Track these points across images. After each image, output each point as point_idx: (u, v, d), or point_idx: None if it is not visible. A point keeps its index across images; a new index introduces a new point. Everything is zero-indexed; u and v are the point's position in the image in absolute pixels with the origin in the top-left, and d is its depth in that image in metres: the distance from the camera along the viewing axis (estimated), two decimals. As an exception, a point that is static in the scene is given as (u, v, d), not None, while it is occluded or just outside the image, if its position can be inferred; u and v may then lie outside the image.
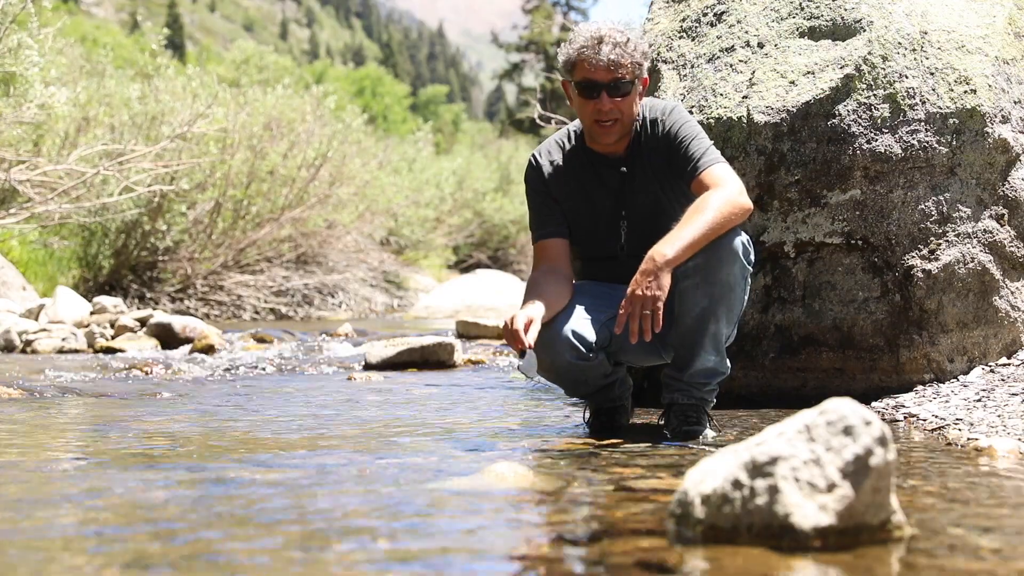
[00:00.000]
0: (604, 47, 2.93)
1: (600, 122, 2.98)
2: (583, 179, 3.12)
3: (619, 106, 2.96)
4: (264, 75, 33.85)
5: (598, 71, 2.94)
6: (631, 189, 3.08)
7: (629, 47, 2.95)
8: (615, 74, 2.94)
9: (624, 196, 3.09)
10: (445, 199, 21.22)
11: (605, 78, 2.94)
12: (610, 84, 2.94)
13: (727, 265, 2.88)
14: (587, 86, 2.96)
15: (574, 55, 2.98)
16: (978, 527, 1.85)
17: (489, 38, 51.05)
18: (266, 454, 2.75)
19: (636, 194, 3.08)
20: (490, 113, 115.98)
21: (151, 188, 9.66)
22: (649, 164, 3.06)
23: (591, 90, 2.96)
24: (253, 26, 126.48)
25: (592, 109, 2.97)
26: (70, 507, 2.05)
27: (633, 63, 2.96)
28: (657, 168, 3.05)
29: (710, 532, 1.65)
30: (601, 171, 3.10)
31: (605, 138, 3.02)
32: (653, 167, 3.05)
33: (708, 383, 3.04)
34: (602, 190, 3.10)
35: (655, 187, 3.06)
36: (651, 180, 3.06)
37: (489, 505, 2.06)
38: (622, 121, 3.00)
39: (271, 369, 5.48)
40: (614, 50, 2.93)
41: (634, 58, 2.96)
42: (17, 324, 6.91)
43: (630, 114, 3.01)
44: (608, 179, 3.10)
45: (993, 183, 3.73)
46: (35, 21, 8.05)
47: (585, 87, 2.97)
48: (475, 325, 7.43)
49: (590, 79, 2.95)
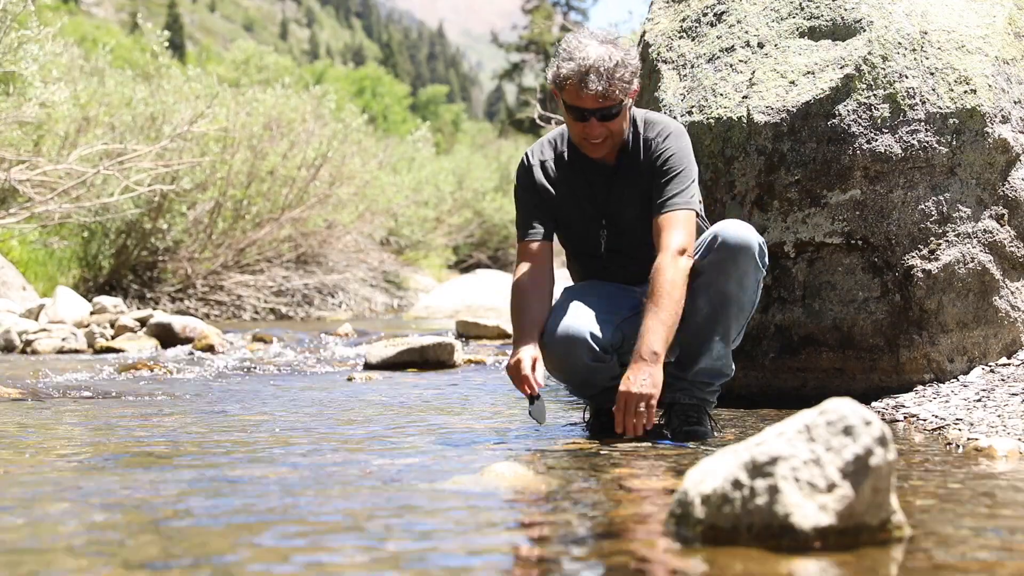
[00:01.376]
0: (591, 78, 2.86)
1: (589, 141, 2.98)
2: (571, 181, 3.12)
3: (609, 127, 2.95)
4: (264, 75, 33.86)
5: (586, 100, 2.90)
6: (616, 198, 3.08)
7: (617, 74, 2.88)
8: (603, 103, 2.90)
9: (607, 203, 3.09)
10: (445, 199, 21.23)
11: (593, 106, 2.90)
12: (598, 111, 2.91)
13: (742, 264, 2.88)
14: (575, 110, 2.94)
15: (562, 81, 2.92)
16: (978, 527, 1.85)
17: (489, 38, 51.05)
18: (266, 454, 2.75)
19: (619, 203, 3.08)
20: (490, 113, 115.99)
21: (151, 188, 9.66)
22: (636, 177, 3.05)
23: (579, 114, 2.93)
24: (253, 26, 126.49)
25: (580, 130, 2.96)
26: (70, 507, 2.05)
27: (622, 87, 2.90)
28: (641, 183, 3.05)
29: (710, 532, 1.65)
30: (589, 176, 3.10)
31: (594, 153, 3.02)
32: (638, 180, 3.05)
33: (711, 384, 3.04)
34: (588, 194, 3.11)
35: (637, 198, 3.05)
36: (634, 191, 3.06)
37: (489, 505, 2.06)
38: (612, 139, 2.99)
39: (271, 369, 5.48)
40: (601, 80, 2.86)
41: (623, 81, 2.90)
42: (17, 324, 6.91)
43: (620, 131, 2.99)
44: (595, 185, 3.10)
45: (993, 183, 3.73)
46: (35, 21, 8.05)
47: (573, 110, 2.94)
48: (475, 325, 7.43)
49: (578, 106, 2.92)
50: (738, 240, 2.88)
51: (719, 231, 2.92)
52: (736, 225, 2.94)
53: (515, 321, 3.04)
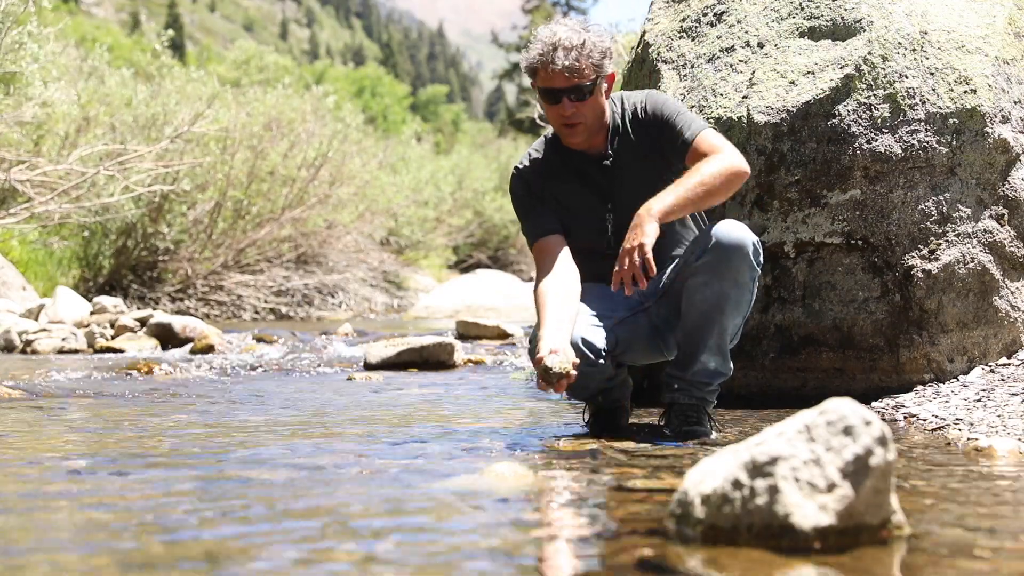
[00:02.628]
0: (558, 54, 2.91)
1: (566, 125, 3.00)
2: (566, 179, 3.12)
3: (581, 109, 2.97)
4: (264, 75, 33.86)
5: (556, 78, 2.93)
6: (617, 183, 3.08)
7: (585, 49, 2.92)
8: (573, 80, 2.92)
9: (610, 190, 3.09)
10: (445, 199, 21.24)
11: (564, 84, 2.93)
12: (569, 89, 2.94)
13: (736, 264, 2.89)
14: (548, 92, 2.97)
15: (533, 62, 2.97)
16: (978, 527, 1.85)
17: (489, 38, 51.06)
18: (266, 454, 2.75)
19: (621, 187, 3.08)
20: (490, 113, 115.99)
21: (151, 188, 9.66)
22: (634, 155, 3.06)
23: (552, 96, 2.97)
24: (253, 26, 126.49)
25: (556, 114, 2.99)
26: (70, 507, 2.05)
27: (591, 64, 2.93)
28: (643, 157, 3.05)
29: (710, 532, 1.65)
30: (584, 168, 3.11)
31: (572, 139, 3.04)
32: (638, 157, 3.05)
33: (710, 383, 3.04)
34: (586, 187, 3.11)
35: (640, 178, 3.04)
36: (636, 171, 3.06)
37: (489, 505, 2.06)
38: (586, 123, 3.00)
39: (271, 369, 5.48)
40: (568, 55, 2.90)
41: (592, 59, 2.93)
42: (17, 324, 6.91)
43: (595, 114, 3.01)
44: (592, 174, 3.10)
45: (993, 183, 3.73)
46: (35, 21, 8.06)
47: (546, 93, 2.98)
48: (475, 325, 7.43)
49: (550, 86, 2.95)
50: (733, 240, 2.88)
51: (714, 231, 2.92)
52: (731, 225, 2.94)
53: (539, 319, 2.94)
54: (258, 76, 33.12)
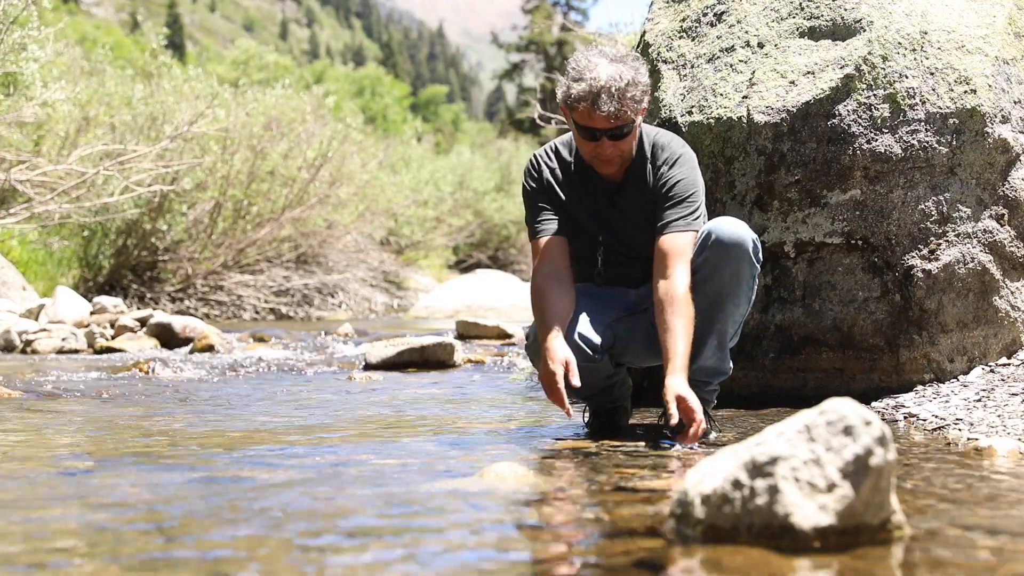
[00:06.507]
0: (602, 99, 2.81)
1: (600, 159, 2.95)
2: (576, 192, 3.08)
3: (619, 147, 2.91)
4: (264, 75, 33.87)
5: (598, 120, 2.85)
6: (619, 209, 3.05)
7: (629, 93, 2.83)
8: (615, 123, 2.85)
9: (610, 214, 3.06)
10: (445, 199, 21.24)
11: (605, 126, 2.86)
12: (610, 131, 2.87)
13: (735, 262, 2.88)
14: (586, 130, 2.89)
15: (572, 102, 2.87)
16: (978, 527, 1.85)
17: (489, 38, 51.08)
18: (266, 454, 2.75)
19: (620, 219, 3.05)
20: (490, 113, 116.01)
21: (151, 188, 9.66)
22: (640, 192, 3.03)
23: (590, 134, 2.89)
24: (253, 26, 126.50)
25: (592, 149, 2.92)
26: (70, 507, 2.05)
27: (633, 107, 2.86)
28: (645, 203, 3.02)
29: (710, 532, 1.65)
30: (593, 189, 3.07)
31: (605, 170, 2.99)
32: (643, 193, 3.02)
33: (710, 382, 3.04)
34: (590, 207, 3.07)
35: (639, 210, 3.02)
36: (638, 204, 3.03)
37: (489, 505, 2.06)
38: (622, 156, 2.96)
39: (271, 369, 5.48)
40: (612, 101, 2.81)
41: (635, 101, 2.85)
42: (17, 324, 6.91)
43: (630, 149, 2.96)
44: (597, 198, 3.06)
45: (993, 183, 3.73)
46: (35, 21, 8.05)
47: (584, 130, 2.89)
48: (475, 325, 7.43)
49: (589, 125, 2.87)
50: (732, 237, 2.88)
51: (713, 229, 2.91)
52: (729, 222, 2.93)
53: (538, 320, 2.96)
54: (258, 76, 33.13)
